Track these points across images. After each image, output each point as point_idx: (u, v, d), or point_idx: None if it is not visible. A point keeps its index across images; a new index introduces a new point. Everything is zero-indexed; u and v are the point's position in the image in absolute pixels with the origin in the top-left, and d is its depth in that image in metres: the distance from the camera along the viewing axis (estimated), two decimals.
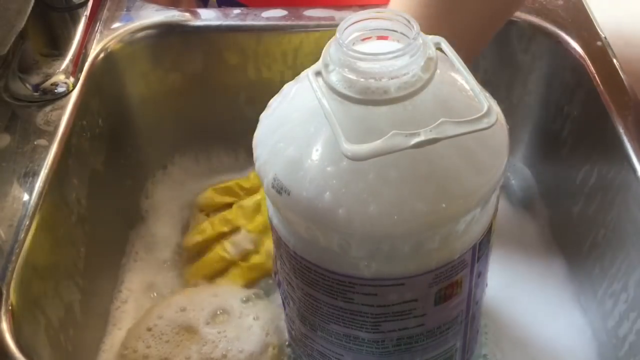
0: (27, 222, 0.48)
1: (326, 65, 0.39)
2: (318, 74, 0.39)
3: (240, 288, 0.59)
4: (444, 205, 0.38)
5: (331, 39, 0.39)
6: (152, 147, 0.69)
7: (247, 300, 0.58)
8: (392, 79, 0.37)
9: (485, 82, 0.66)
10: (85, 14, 0.62)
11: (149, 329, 0.56)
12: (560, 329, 0.57)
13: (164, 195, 0.69)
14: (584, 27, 0.62)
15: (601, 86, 0.56)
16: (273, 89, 0.46)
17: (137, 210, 0.67)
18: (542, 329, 0.57)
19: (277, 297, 0.58)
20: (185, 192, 0.69)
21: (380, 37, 0.41)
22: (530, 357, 0.56)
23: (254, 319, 0.57)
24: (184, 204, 0.68)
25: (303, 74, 0.42)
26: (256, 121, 0.44)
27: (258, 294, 0.59)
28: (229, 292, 0.59)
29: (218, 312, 0.57)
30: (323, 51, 0.40)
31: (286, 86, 0.45)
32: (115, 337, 0.57)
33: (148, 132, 0.68)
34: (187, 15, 0.65)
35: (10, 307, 0.44)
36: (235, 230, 0.62)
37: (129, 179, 0.67)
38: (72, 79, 0.58)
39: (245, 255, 0.61)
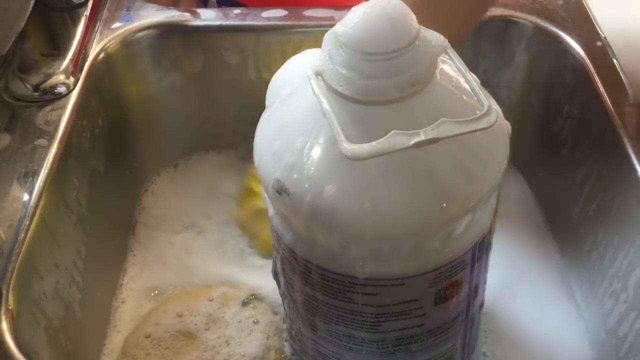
0: (27, 222, 0.48)
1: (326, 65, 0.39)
2: (318, 74, 0.39)
3: (237, 291, 0.59)
4: (444, 205, 0.38)
5: None
6: (152, 147, 0.69)
7: (245, 303, 0.58)
8: (391, 78, 0.37)
9: (485, 82, 0.67)
10: (85, 14, 0.62)
11: (147, 336, 0.56)
12: (559, 328, 0.57)
13: (163, 195, 0.69)
14: (584, 27, 0.62)
15: (601, 86, 0.56)
16: None
17: (137, 210, 0.67)
18: (542, 328, 0.57)
19: (276, 298, 0.58)
20: (184, 192, 0.69)
21: None
22: (529, 355, 0.56)
23: (254, 322, 0.56)
24: (183, 203, 0.68)
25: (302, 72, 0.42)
26: (256, 121, 0.44)
27: (256, 295, 0.59)
28: (225, 296, 0.58)
29: (217, 317, 0.57)
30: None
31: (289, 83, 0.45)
32: (115, 339, 0.57)
33: (148, 132, 0.68)
34: (187, 15, 0.65)
35: (10, 307, 0.44)
36: None
37: (129, 179, 0.67)
38: (72, 79, 0.58)
39: None
